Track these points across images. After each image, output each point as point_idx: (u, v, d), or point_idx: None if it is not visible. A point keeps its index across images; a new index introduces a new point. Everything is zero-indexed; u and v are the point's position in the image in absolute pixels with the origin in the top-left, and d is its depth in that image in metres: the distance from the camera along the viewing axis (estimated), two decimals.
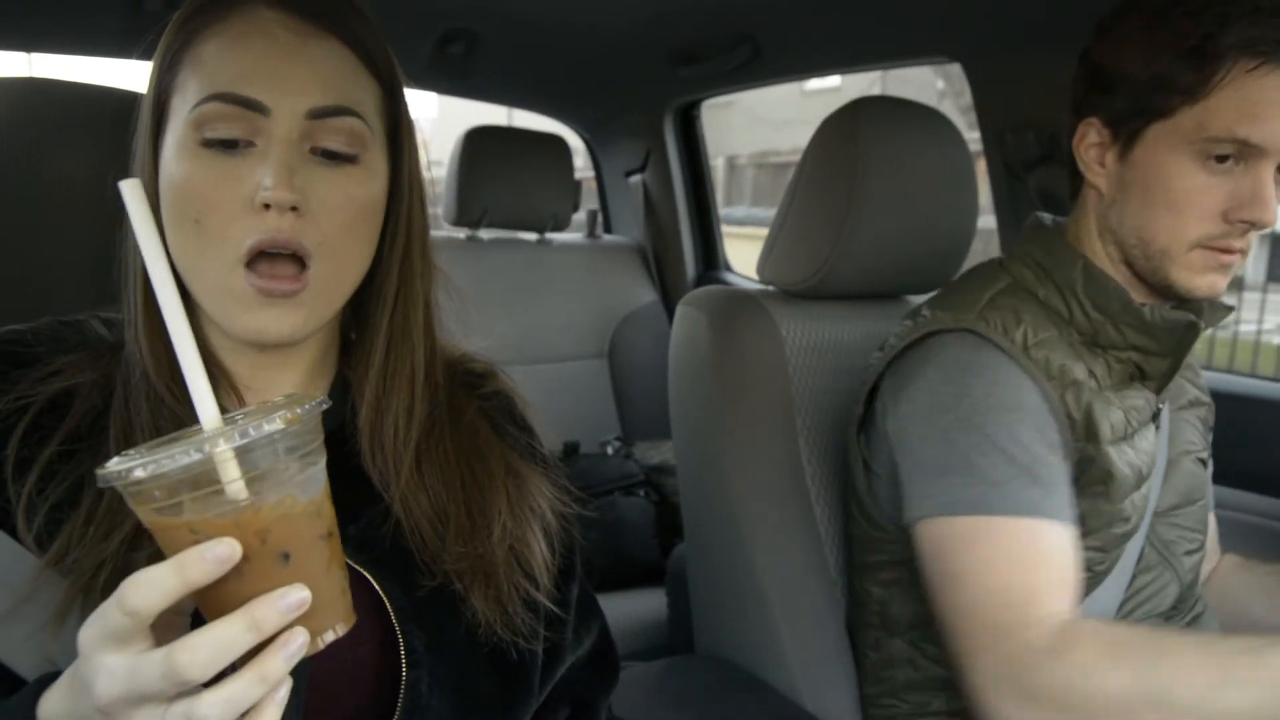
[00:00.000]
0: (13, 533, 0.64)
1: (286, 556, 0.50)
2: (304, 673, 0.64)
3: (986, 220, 1.47)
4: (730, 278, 2.56)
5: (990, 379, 1.00)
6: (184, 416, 0.68)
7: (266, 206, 0.66)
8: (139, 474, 0.47)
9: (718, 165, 11.13)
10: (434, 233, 0.80)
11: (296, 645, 0.49)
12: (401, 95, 0.76)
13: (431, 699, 0.71)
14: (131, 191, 0.55)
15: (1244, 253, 0.99)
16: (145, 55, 0.75)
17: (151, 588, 0.47)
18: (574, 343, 2.41)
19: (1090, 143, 1.04)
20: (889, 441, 1.07)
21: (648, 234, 2.65)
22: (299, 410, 0.50)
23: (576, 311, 2.42)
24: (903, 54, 1.79)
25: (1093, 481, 1.01)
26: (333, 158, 0.69)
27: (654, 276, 2.62)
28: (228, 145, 0.67)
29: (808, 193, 1.31)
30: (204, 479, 0.48)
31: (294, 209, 0.66)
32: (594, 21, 1.88)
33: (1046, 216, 1.15)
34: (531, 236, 2.43)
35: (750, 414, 1.29)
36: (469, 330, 0.88)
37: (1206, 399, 1.22)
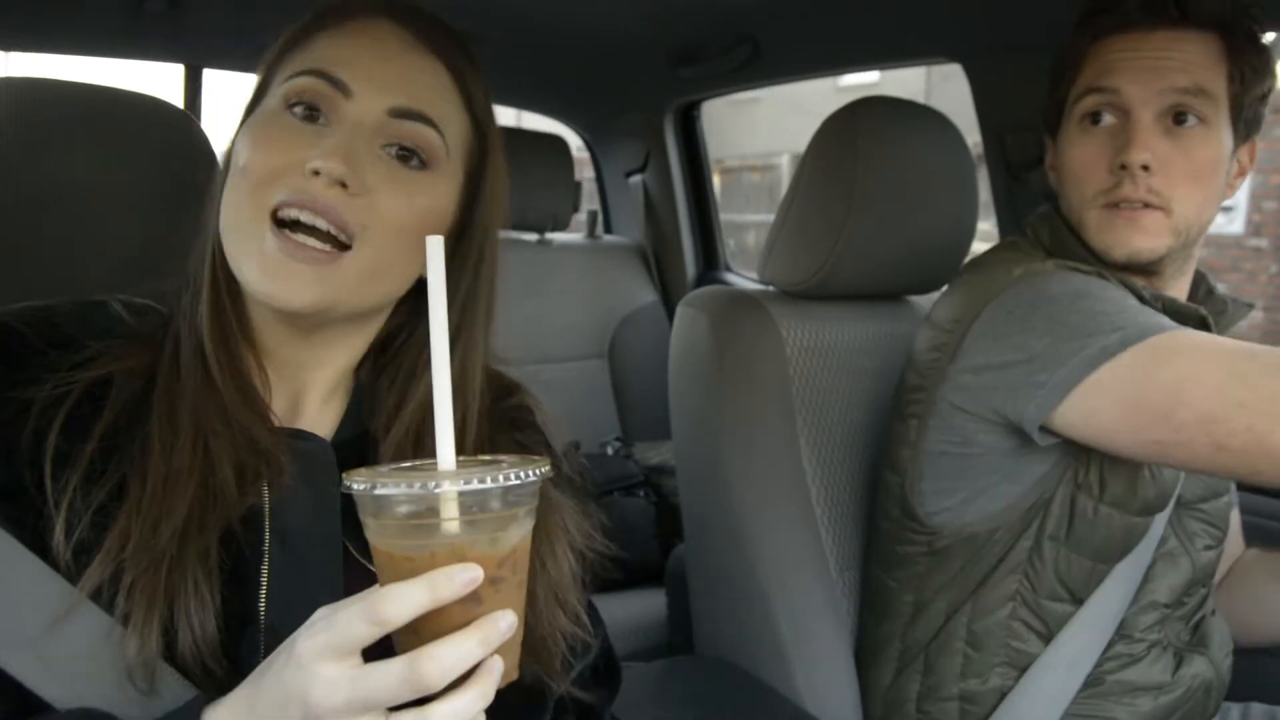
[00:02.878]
0: (40, 537, 0.63)
1: (505, 585, 0.55)
2: None
3: None
4: (730, 278, 2.56)
5: (1067, 275, 1.04)
6: (229, 401, 0.70)
7: (316, 173, 0.66)
8: (387, 492, 0.52)
9: (783, 163, 10.43)
10: None
11: (499, 670, 0.54)
12: (492, 147, 0.77)
13: None
14: (434, 246, 0.58)
15: (1152, 206, 1.02)
16: (147, 55, 0.75)
17: (405, 600, 0.51)
18: (574, 343, 2.41)
19: (1051, 160, 1.17)
20: (969, 391, 1.04)
21: (648, 234, 2.65)
22: (536, 470, 0.55)
23: (577, 312, 2.42)
24: (903, 54, 1.79)
25: None
26: (406, 157, 0.71)
27: (654, 277, 2.62)
28: (310, 112, 0.70)
29: (808, 193, 1.31)
30: (427, 509, 0.53)
31: (344, 185, 0.67)
32: (594, 22, 1.88)
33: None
34: (532, 237, 2.43)
35: (750, 414, 1.29)
36: None
37: None
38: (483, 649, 0.53)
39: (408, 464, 0.60)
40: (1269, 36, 1.07)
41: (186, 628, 0.62)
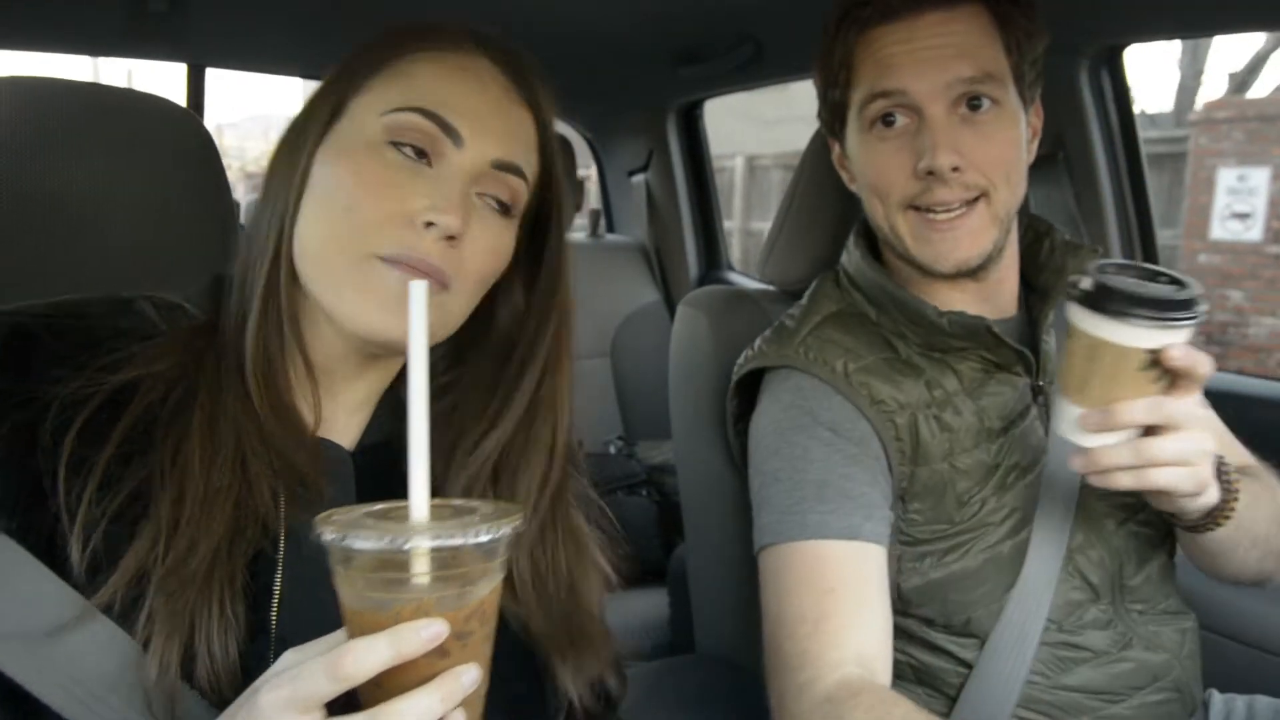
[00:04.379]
0: (52, 546, 0.62)
1: (471, 639, 0.54)
2: None
3: None
4: (733, 277, 2.56)
5: (797, 404, 1.04)
6: (267, 426, 0.69)
7: (428, 225, 0.68)
8: (358, 545, 0.51)
9: (736, 165, 10.17)
10: None
11: None
12: (558, 196, 0.81)
13: None
14: (417, 291, 0.57)
15: (985, 201, 0.98)
16: (150, 55, 0.75)
17: (368, 657, 0.50)
18: (576, 341, 2.39)
19: (837, 156, 1.13)
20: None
21: (650, 234, 2.65)
22: (509, 526, 0.54)
23: (579, 310, 2.40)
24: None
25: (922, 495, 1.02)
26: (501, 209, 0.73)
27: (656, 276, 2.62)
28: (418, 154, 0.70)
29: (808, 193, 1.31)
30: (397, 564, 0.52)
31: (450, 238, 0.69)
32: (596, 21, 1.88)
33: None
34: None
35: None
36: None
37: None
38: (444, 705, 0.52)
39: (380, 507, 0.58)
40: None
41: (206, 653, 0.62)
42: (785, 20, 1.76)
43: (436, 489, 0.74)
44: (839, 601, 0.94)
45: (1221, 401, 1.22)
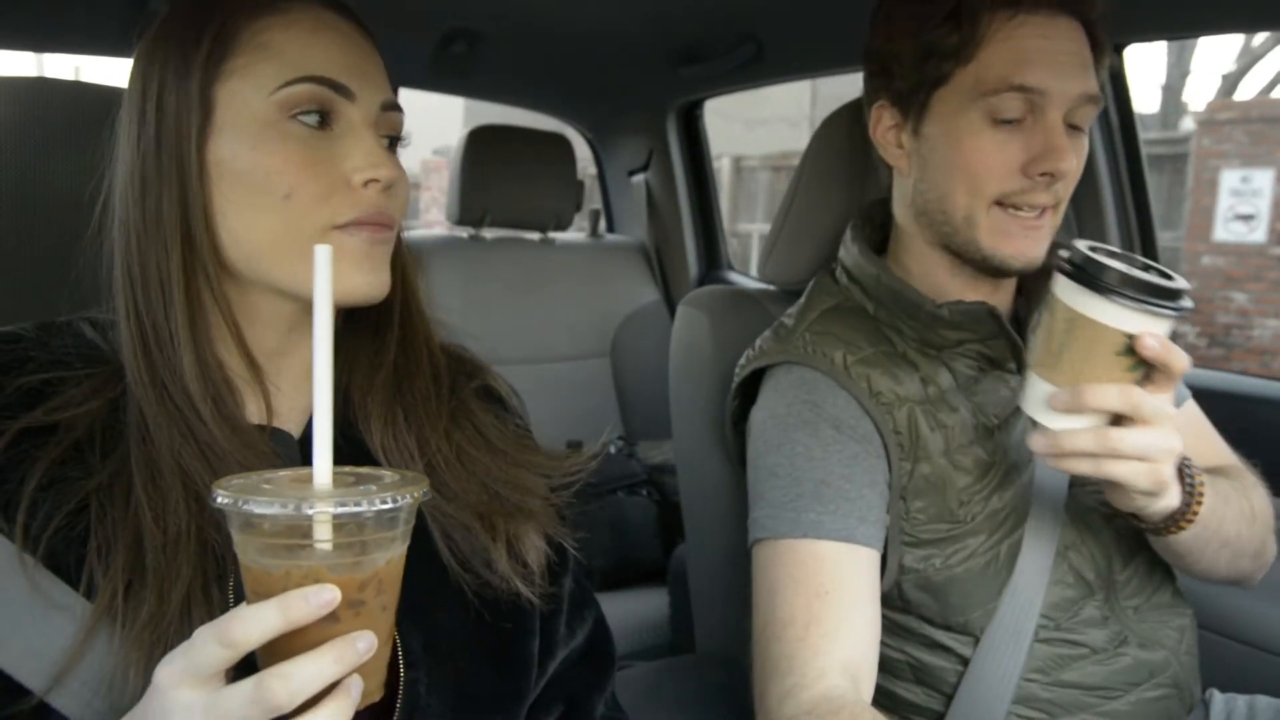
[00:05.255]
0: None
1: (366, 609, 0.54)
2: None
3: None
4: (733, 277, 2.56)
5: (801, 398, 1.04)
6: (224, 441, 0.67)
7: (366, 184, 0.69)
8: (258, 510, 0.51)
9: (723, 166, 10.13)
10: (437, 233, 0.82)
11: (358, 689, 0.53)
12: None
13: (430, 699, 0.71)
14: (323, 255, 0.57)
15: (1054, 211, 0.99)
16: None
17: (255, 622, 0.50)
18: (576, 342, 2.41)
19: (886, 126, 1.06)
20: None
21: (650, 233, 2.65)
22: (412, 492, 0.54)
23: (579, 311, 2.42)
24: None
25: (924, 492, 1.01)
26: (393, 144, 0.75)
27: (656, 276, 2.62)
28: (321, 122, 0.70)
29: (808, 192, 1.31)
30: (293, 529, 0.52)
31: (389, 187, 0.71)
32: (596, 21, 1.88)
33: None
34: (534, 236, 2.43)
35: None
36: (470, 329, 0.88)
37: None
38: (337, 668, 0.51)
39: (286, 472, 0.58)
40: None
41: None
42: (786, 20, 1.76)
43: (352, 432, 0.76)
44: (829, 605, 0.94)
45: (1222, 401, 1.22)
